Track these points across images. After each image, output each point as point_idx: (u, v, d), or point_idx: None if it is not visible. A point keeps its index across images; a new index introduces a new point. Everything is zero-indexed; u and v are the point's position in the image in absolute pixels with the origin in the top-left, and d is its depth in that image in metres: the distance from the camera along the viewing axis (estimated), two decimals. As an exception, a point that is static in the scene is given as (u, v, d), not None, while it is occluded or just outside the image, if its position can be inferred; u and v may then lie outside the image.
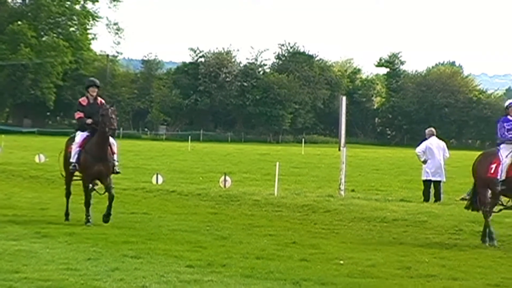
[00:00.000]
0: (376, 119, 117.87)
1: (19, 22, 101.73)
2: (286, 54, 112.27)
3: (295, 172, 34.37)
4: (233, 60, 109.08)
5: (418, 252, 14.13)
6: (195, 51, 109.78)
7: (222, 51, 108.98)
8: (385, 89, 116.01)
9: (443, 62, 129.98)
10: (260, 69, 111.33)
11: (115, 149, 16.89)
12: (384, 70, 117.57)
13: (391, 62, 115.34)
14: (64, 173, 17.54)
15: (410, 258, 13.31)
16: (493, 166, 15.45)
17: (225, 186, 24.62)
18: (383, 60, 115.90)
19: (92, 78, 18.05)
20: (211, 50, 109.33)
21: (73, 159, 16.75)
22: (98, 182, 17.03)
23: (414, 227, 17.50)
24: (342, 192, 23.22)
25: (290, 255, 13.24)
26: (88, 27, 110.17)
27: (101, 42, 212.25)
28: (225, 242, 14.57)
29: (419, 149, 23.42)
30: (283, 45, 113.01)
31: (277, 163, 24.48)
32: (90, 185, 16.81)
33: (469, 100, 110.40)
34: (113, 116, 16.32)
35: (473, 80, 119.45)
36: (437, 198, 22.55)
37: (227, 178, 24.99)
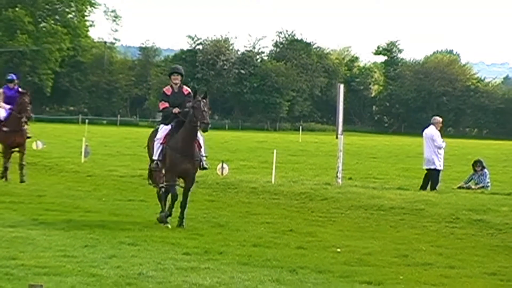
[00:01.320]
0: (374, 107, 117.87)
1: (16, 8, 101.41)
2: (283, 42, 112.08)
3: (292, 160, 34.34)
4: (231, 47, 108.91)
5: (415, 240, 14.15)
6: (193, 39, 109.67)
7: (220, 39, 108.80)
8: (383, 77, 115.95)
9: (441, 50, 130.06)
10: (257, 56, 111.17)
11: (201, 142, 15.40)
12: (382, 58, 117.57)
13: (389, 50, 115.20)
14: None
15: (407, 246, 13.33)
16: None
17: (222, 173, 24.56)
18: (381, 48, 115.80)
19: (174, 65, 16.24)
20: (209, 38, 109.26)
21: (155, 156, 15.30)
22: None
23: (411, 215, 17.50)
24: (339, 180, 23.19)
25: (287, 242, 13.24)
26: (85, 14, 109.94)
27: (99, 29, 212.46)
28: (222, 229, 14.57)
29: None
30: (281, 32, 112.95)
31: (275, 151, 24.45)
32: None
33: (467, 89, 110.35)
34: (206, 109, 14.75)
35: (470, 68, 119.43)
36: (431, 186, 22.22)
37: (225, 165, 24.92)
